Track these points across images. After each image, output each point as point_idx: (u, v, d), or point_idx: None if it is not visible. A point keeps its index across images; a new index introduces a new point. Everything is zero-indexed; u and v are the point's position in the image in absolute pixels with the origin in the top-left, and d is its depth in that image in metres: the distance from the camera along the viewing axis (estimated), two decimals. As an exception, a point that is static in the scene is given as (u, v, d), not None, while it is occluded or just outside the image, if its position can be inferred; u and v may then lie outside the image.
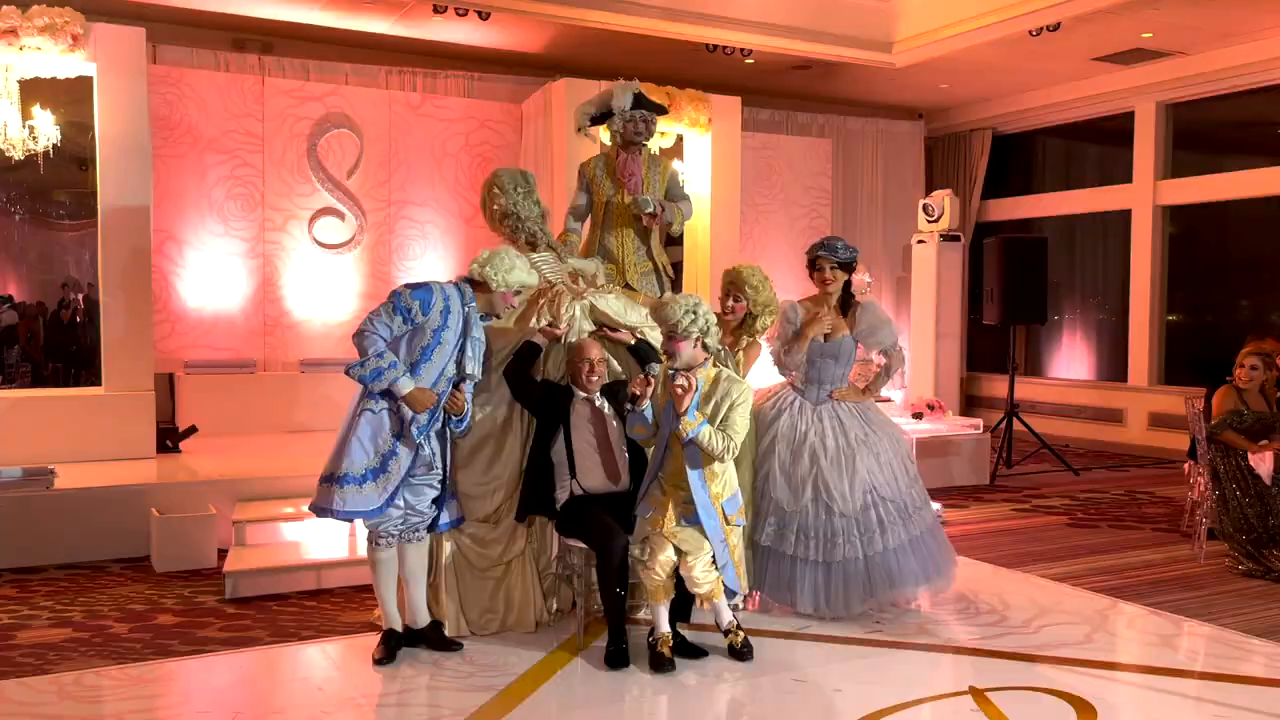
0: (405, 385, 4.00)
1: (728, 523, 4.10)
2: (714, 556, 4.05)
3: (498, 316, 4.36)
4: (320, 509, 4.04)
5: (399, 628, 4.24)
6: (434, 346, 4.07)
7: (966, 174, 12.24)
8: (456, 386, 4.16)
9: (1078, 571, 5.81)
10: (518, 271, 4.24)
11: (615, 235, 5.40)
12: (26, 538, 5.72)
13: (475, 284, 4.23)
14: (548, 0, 8.36)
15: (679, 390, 3.98)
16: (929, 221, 10.08)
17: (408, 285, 4.13)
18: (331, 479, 4.02)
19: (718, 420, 4.07)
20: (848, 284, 4.83)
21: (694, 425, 3.97)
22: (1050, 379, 11.71)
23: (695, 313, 4.09)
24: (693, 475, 4.04)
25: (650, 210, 5.28)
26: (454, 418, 4.19)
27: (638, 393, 4.10)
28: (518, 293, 4.29)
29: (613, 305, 4.66)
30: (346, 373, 4.00)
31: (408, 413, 4.02)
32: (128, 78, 7.15)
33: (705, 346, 4.16)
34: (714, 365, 4.20)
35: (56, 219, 8.94)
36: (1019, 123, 11.85)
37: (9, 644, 4.50)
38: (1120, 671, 4.12)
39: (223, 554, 5.68)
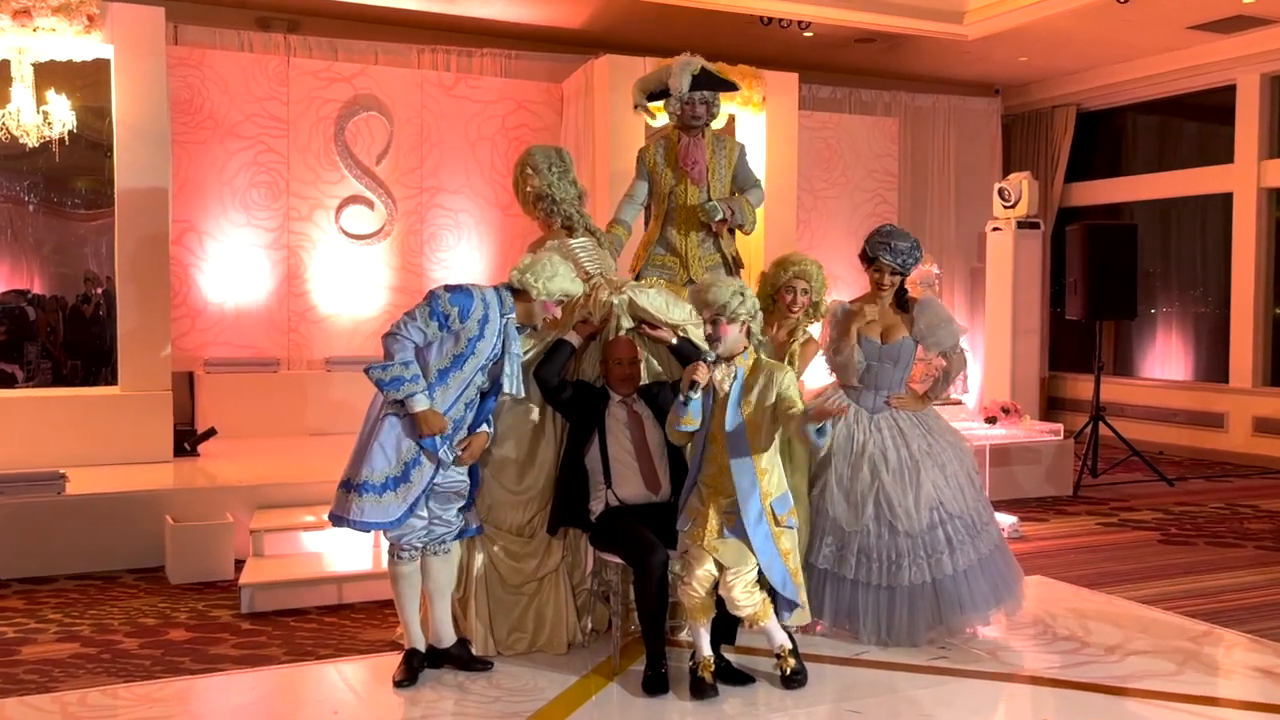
0: (421, 403, 3.95)
1: (777, 524, 3.99)
2: (757, 574, 3.97)
3: (535, 328, 4.34)
4: (337, 518, 4.03)
5: (421, 647, 4.21)
6: (467, 356, 4.04)
7: (1048, 155, 11.99)
8: (477, 419, 4.15)
9: (1170, 593, 5.65)
10: (560, 279, 4.19)
11: (679, 227, 5.35)
12: (36, 546, 5.81)
13: (516, 292, 4.19)
14: (589, -29, 8.34)
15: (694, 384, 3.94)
16: (1005, 207, 9.90)
17: (446, 288, 4.10)
18: (349, 486, 4.01)
19: (766, 408, 3.98)
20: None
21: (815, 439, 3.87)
22: (1141, 379, 11.43)
23: (744, 295, 4.04)
24: (742, 475, 3.93)
25: (720, 217, 5.23)
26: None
27: (698, 380, 3.94)
28: (560, 303, 4.27)
29: (653, 300, 4.58)
30: (366, 373, 3.98)
31: (398, 398, 3.97)
32: (146, 60, 7.24)
33: (749, 333, 4.13)
34: (753, 353, 4.15)
35: (73, 208, 9.10)
36: (1106, 98, 11.57)
37: (13, 660, 4.56)
38: (1217, 708, 3.96)
39: (240, 565, 5.72)
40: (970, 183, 11.69)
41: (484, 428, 4.18)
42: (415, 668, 4.14)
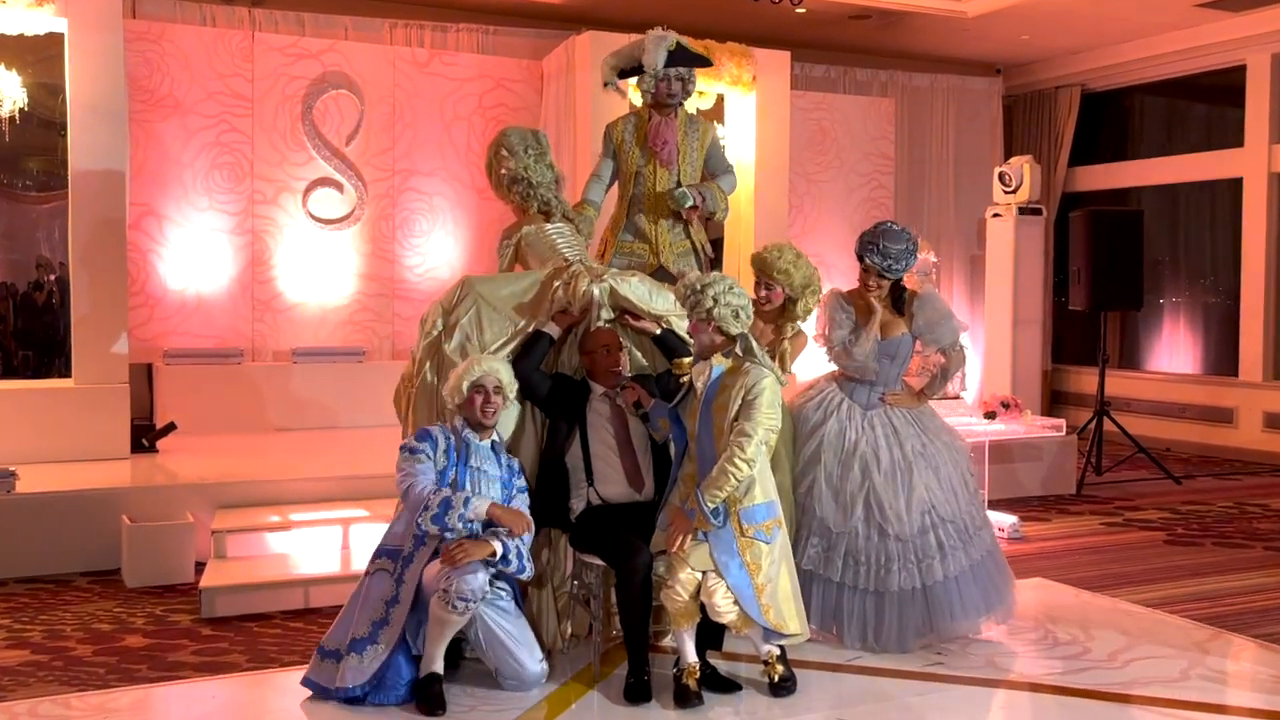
0: (480, 504, 3.90)
1: (743, 534, 3.91)
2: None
3: (480, 426, 4.11)
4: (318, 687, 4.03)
5: (441, 670, 4.03)
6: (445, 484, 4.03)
7: (1051, 138, 12.02)
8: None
9: (1175, 596, 5.67)
10: (463, 374, 4.05)
11: (647, 211, 5.32)
12: (-16, 547, 5.77)
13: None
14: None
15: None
16: (1006, 192, 9.92)
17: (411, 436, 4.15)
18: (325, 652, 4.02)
19: (732, 414, 3.90)
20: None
21: (706, 512, 3.84)
22: (1148, 373, 11.49)
23: (700, 292, 3.95)
24: (705, 477, 3.89)
25: (690, 204, 5.21)
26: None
27: (635, 402, 4.23)
28: (488, 392, 4.06)
29: (636, 290, 4.57)
30: (420, 528, 3.90)
31: (462, 514, 3.87)
32: (102, 34, 7.19)
33: (723, 332, 3.98)
34: (737, 358, 4.00)
35: (24, 190, 9.03)
36: (1112, 79, 11.60)
37: (-40, 667, 4.53)
38: (1224, 715, 3.99)
39: (200, 567, 5.69)
40: (970, 166, 11.71)
41: (494, 542, 3.90)
42: (440, 691, 3.95)
